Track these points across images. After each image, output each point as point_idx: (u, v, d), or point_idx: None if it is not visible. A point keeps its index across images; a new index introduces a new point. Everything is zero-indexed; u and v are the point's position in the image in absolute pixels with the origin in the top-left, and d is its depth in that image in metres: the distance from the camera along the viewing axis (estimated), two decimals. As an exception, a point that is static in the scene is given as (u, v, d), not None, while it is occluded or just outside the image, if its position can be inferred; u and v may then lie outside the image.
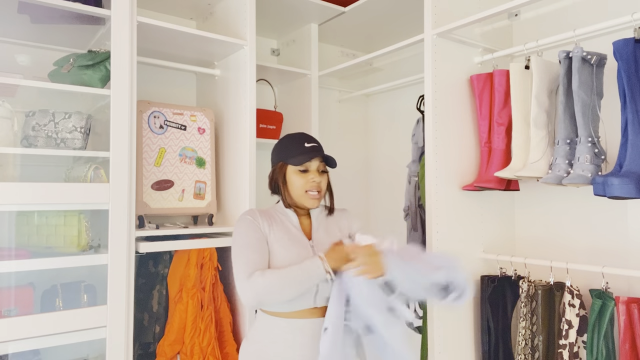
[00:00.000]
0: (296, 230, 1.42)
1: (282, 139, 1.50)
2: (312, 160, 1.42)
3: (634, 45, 1.45)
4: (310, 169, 1.42)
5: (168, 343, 1.80)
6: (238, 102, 2.05)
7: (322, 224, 1.48)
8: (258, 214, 1.42)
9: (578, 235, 1.87)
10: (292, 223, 1.44)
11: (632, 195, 1.37)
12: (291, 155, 1.42)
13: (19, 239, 1.58)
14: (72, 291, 1.68)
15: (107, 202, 1.62)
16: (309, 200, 1.42)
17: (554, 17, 1.98)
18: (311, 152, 1.41)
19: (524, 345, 1.72)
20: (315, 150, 1.42)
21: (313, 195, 1.41)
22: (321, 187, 1.43)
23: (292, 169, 1.42)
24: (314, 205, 1.43)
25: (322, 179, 1.43)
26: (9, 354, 1.48)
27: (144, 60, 1.97)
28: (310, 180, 1.41)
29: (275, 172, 1.46)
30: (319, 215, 1.49)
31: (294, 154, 1.42)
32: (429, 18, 1.87)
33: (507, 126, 1.85)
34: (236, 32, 2.06)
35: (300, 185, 1.41)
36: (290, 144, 1.45)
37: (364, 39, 2.74)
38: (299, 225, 1.44)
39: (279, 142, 1.49)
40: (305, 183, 1.41)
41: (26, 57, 1.86)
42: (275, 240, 1.37)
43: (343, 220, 1.51)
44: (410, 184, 2.22)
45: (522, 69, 1.77)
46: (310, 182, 1.40)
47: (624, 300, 1.49)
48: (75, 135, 1.66)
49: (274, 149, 1.49)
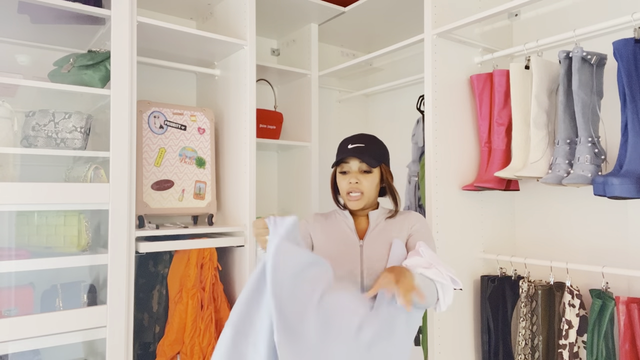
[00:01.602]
0: (349, 231, 1.42)
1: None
2: (350, 162, 1.40)
3: (634, 45, 1.45)
4: (350, 170, 1.41)
5: (168, 343, 1.80)
6: (238, 102, 2.05)
7: (380, 225, 1.43)
8: (315, 217, 1.48)
9: (578, 235, 1.87)
10: (348, 224, 1.43)
11: (632, 195, 1.37)
12: (337, 157, 1.44)
13: (19, 239, 1.58)
14: (72, 291, 1.68)
15: (107, 202, 1.62)
16: (350, 202, 1.41)
17: (554, 17, 1.98)
18: (347, 152, 1.40)
19: (524, 345, 1.72)
20: (353, 150, 1.40)
21: (353, 197, 1.39)
22: (360, 189, 1.39)
23: (337, 171, 1.44)
24: (355, 207, 1.40)
25: (364, 180, 1.39)
26: (9, 354, 1.48)
27: (144, 60, 1.97)
28: (348, 181, 1.40)
29: (332, 175, 1.48)
30: (378, 217, 1.45)
31: (338, 157, 1.43)
32: (429, 18, 1.87)
33: (507, 126, 1.85)
34: (236, 32, 2.06)
35: (343, 187, 1.42)
36: (340, 146, 1.46)
37: (364, 39, 2.74)
38: (353, 226, 1.43)
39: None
40: (346, 185, 1.40)
41: (26, 57, 1.86)
42: (320, 237, 1.41)
43: (405, 222, 1.44)
44: (410, 184, 2.22)
45: (522, 69, 1.77)
46: (348, 183, 1.40)
47: (624, 300, 1.49)
48: (75, 135, 1.66)
49: None
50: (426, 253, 1.29)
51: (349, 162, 1.40)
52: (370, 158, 1.39)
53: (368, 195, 1.40)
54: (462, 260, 1.92)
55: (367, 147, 1.41)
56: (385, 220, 1.44)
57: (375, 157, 1.40)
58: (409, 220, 1.44)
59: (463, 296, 1.92)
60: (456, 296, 1.89)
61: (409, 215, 1.46)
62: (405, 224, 1.43)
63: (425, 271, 1.24)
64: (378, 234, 1.40)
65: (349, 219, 1.44)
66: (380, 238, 1.39)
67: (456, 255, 1.89)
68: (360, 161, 1.39)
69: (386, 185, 1.45)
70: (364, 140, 1.42)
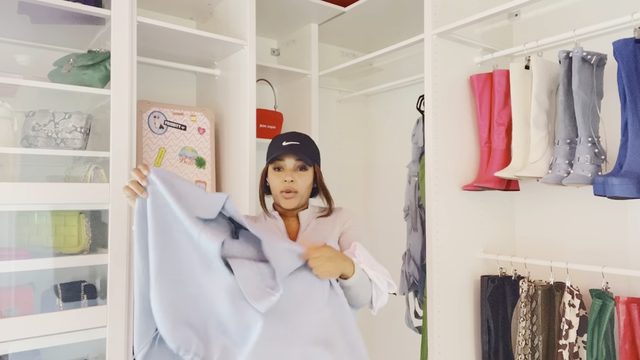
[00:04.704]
0: (280, 233, 1.38)
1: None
2: (286, 159, 1.36)
3: (634, 45, 1.45)
4: (285, 167, 1.37)
5: (168, 343, 1.80)
6: (238, 102, 2.05)
7: (311, 225, 1.40)
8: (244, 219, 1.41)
9: (578, 235, 1.87)
10: (278, 226, 1.39)
11: (632, 195, 1.37)
12: (269, 154, 1.39)
13: (19, 239, 1.58)
14: (72, 291, 1.68)
15: (107, 202, 1.62)
16: (283, 200, 1.36)
17: (554, 17, 1.98)
18: (282, 149, 1.35)
19: (524, 345, 1.72)
20: (289, 148, 1.35)
21: (287, 195, 1.35)
22: (294, 187, 1.35)
23: (269, 168, 1.39)
24: (288, 205, 1.37)
25: (299, 178, 1.36)
26: (9, 354, 1.48)
27: (144, 60, 1.97)
28: (282, 179, 1.36)
29: (262, 172, 1.44)
30: (309, 217, 1.42)
31: (270, 153, 1.38)
32: (429, 18, 1.87)
33: (507, 126, 1.85)
34: (236, 32, 2.06)
35: (275, 185, 1.37)
36: (272, 143, 1.41)
37: (364, 39, 2.74)
38: (284, 228, 1.39)
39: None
40: (280, 183, 1.36)
41: (26, 57, 1.86)
42: None
43: (337, 220, 1.41)
44: (410, 184, 2.22)
45: (522, 69, 1.77)
46: (282, 181, 1.35)
47: (624, 300, 1.49)
48: (75, 135, 1.66)
49: None
50: (362, 255, 1.27)
51: (284, 159, 1.36)
52: (306, 156, 1.36)
53: (302, 194, 1.37)
54: (462, 260, 1.92)
55: (302, 145, 1.38)
56: (316, 220, 1.41)
57: (311, 156, 1.38)
58: (340, 217, 1.41)
59: (463, 296, 1.92)
60: (456, 296, 1.89)
61: (340, 212, 1.44)
62: (337, 221, 1.40)
63: (367, 270, 1.23)
64: (309, 234, 1.37)
65: (279, 220, 1.40)
66: (312, 238, 1.35)
67: (456, 255, 1.89)
68: (297, 159, 1.36)
69: (319, 186, 1.42)
70: (299, 139, 1.39)
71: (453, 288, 1.88)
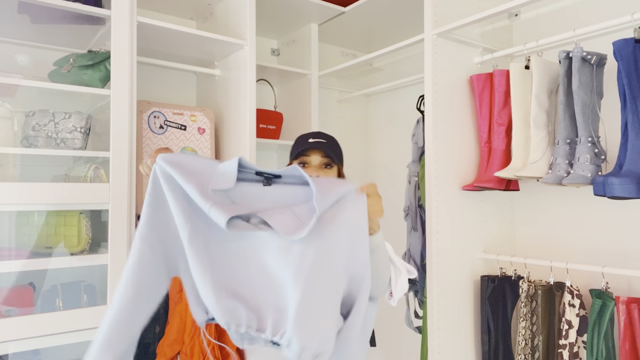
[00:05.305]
0: None
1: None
2: (312, 155, 1.36)
3: (634, 45, 1.45)
4: (311, 163, 1.37)
5: (168, 343, 1.80)
6: (238, 102, 2.05)
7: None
8: None
9: (578, 235, 1.87)
10: None
11: (632, 195, 1.37)
12: (294, 150, 1.39)
13: (19, 239, 1.58)
14: (72, 291, 1.68)
15: (107, 202, 1.62)
16: None
17: (554, 17, 1.98)
18: (309, 145, 1.35)
19: (524, 345, 1.72)
20: (316, 144, 1.35)
21: None
22: None
23: (294, 164, 1.38)
24: None
25: (324, 175, 1.36)
26: (9, 354, 1.48)
27: (144, 60, 1.97)
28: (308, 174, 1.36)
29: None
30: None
31: (296, 149, 1.39)
32: (429, 18, 1.87)
33: (507, 126, 1.85)
34: (236, 32, 2.06)
35: None
36: (297, 140, 1.42)
37: (364, 39, 2.74)
38: None
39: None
40: None
41: (26, 57, 1.86)
42: None
43: None
44: (410, 184, 2.22)
45: (522, 69, 1.77)
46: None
47: (624, 300, 1.49)
48: (75, 135, 1.66)
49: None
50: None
51: (311, 155, 1.36)
52: (333, 154, 1.37)
53: None
54: (462, 260, 1.92)
55: (329, 143, 1.39)
56: None
57: (337, 155, 1.39)
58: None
59: (463, 296, 1.92)
60: (456, 296, 1.89)
61: None
62: None
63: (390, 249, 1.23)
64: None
65: None
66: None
67: (456, 255, 1.89)
68: (323, 155, 1.36)
69: None
70: (325, 137, 1.40)
71: (453, 288, 1.88)
